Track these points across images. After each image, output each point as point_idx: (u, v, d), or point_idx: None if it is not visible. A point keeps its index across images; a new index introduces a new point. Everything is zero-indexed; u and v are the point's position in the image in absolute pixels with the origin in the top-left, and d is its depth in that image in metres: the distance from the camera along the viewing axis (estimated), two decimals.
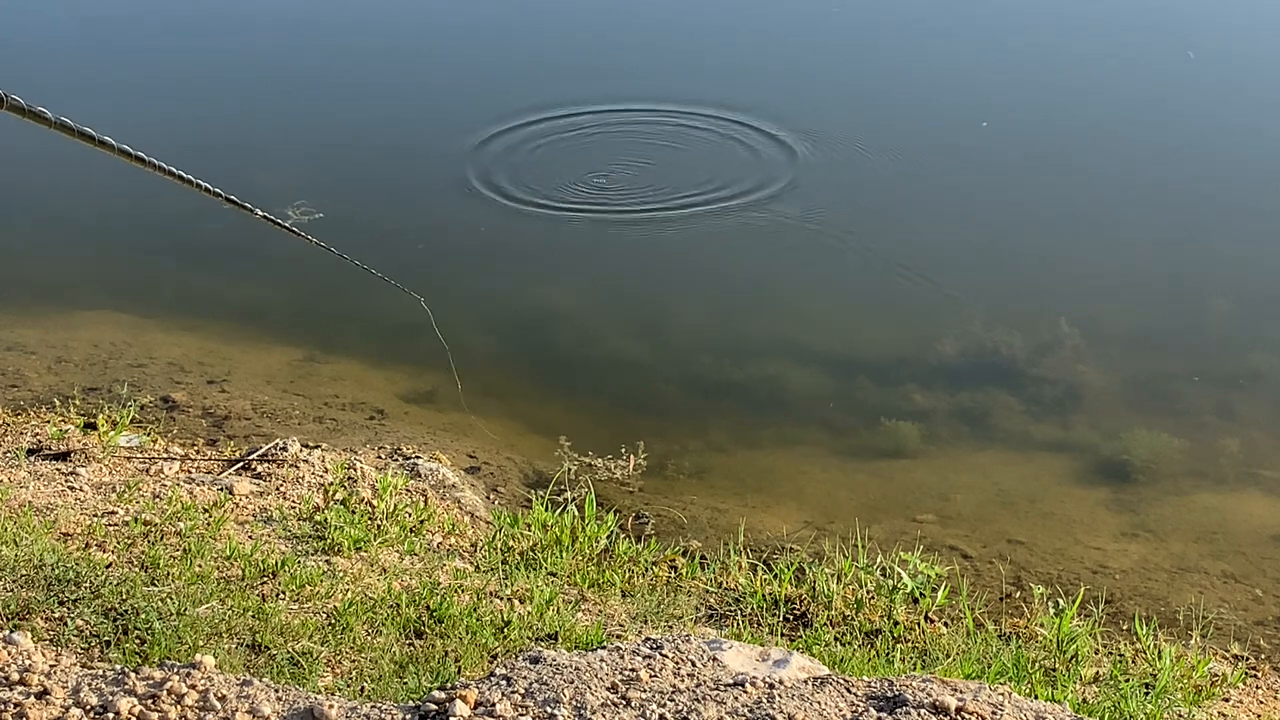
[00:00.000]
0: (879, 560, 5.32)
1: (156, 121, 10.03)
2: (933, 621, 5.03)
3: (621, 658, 3.21)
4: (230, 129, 10.28)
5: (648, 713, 2.97)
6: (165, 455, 5.94)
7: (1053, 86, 10.63)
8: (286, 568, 4.64)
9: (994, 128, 9.95)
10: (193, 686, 3.04)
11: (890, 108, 10.40)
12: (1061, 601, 5.09)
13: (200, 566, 4.57)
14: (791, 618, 4.99)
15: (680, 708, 2.99)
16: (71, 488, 5.31)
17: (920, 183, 9.29)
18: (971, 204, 9.06)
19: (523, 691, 3.03)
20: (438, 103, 10.81)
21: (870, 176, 9.40)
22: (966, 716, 3.00)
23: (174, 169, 3.18)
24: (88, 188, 9.36)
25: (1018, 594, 5.47)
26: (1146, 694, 4.41)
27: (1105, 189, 9.18)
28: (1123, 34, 11.49)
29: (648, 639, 3.36)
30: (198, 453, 6.14)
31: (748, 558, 5.48)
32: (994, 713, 3.03)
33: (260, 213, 4.07)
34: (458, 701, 2.98)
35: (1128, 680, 4.53)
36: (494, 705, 2.97)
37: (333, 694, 3.52)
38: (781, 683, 3.12)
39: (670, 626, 4.74)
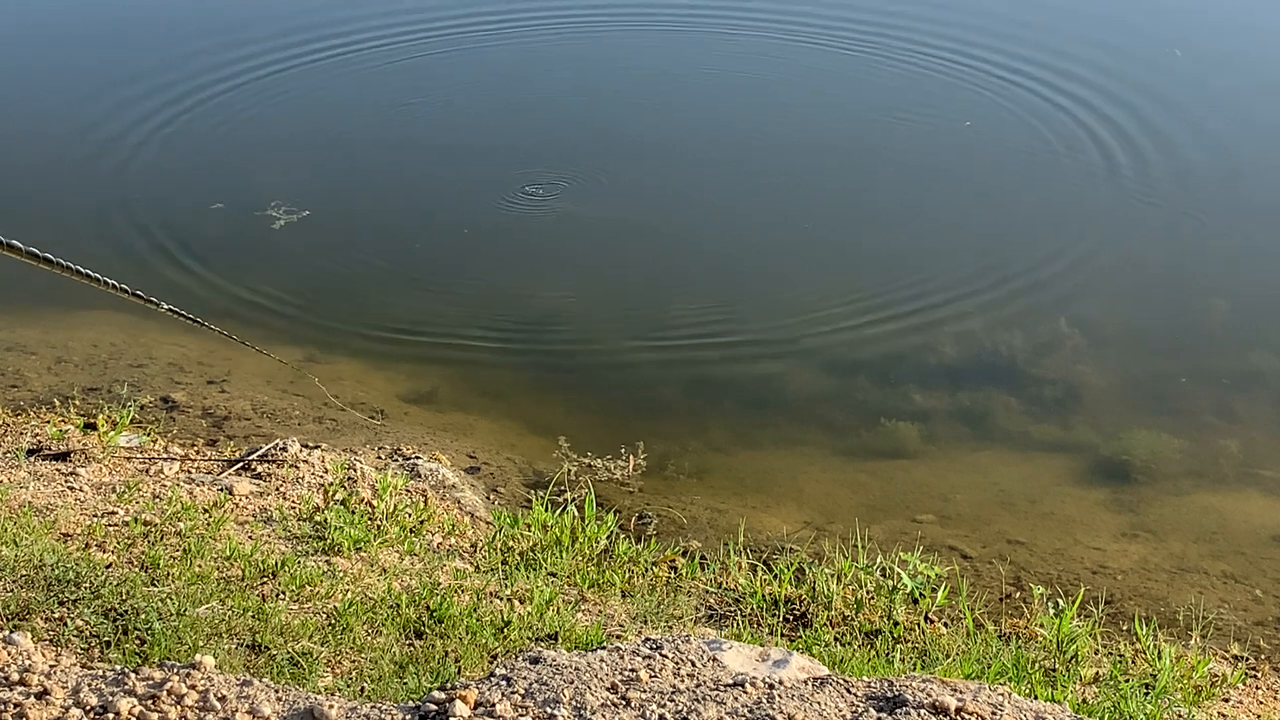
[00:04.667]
0: (879, 560, 5.32)
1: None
2: (933, 622, 5.03)
3: (621, 658, 3.21)
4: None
5: (647, 713, 2.97)
6: (165, 455, 5.94)
7: (1052, 88, 10.61)
8: (286, 568, 4.64)
9: (979, 126, 9.97)
10: (193, 687, 3.04)
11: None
12: (1061, 602, 5.09)
13: (200, 567, 4.57)
14: (791, 618, 4.99)
15: (680, 708, 2.99)
16: (71, 488, 5.31)
17: (911, 180, 9.30)
18: (969, 203, 9.06)
19: (523, 692, 3.03)
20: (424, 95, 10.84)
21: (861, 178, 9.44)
22: (966, 717, 3.00)
23: (83, 269, 3.28)
24: (87, 186, 9.37)
25: (1018, 594, 5.47)
26: (1146, 694, 4.41)
27: (1105, 188, 9.17)
28: (1110, 33, 11.45)
29: (648, 639, 3.36)
30: (198, 453, 6.14)
31: (748, 558, 5.48)
32: (994, 713, 3.03)
33: (165, 306, 4.26)
34: (458, 702, 2.98)
35: (1128, 680, 4.53)
36: (494, 705, 2.97)
37: (333, 694, 3.52)
38: (781, 683, 3.12)
39: (670, 627, 4.74)
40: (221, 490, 5.42)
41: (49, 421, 6.26)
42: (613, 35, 12.08)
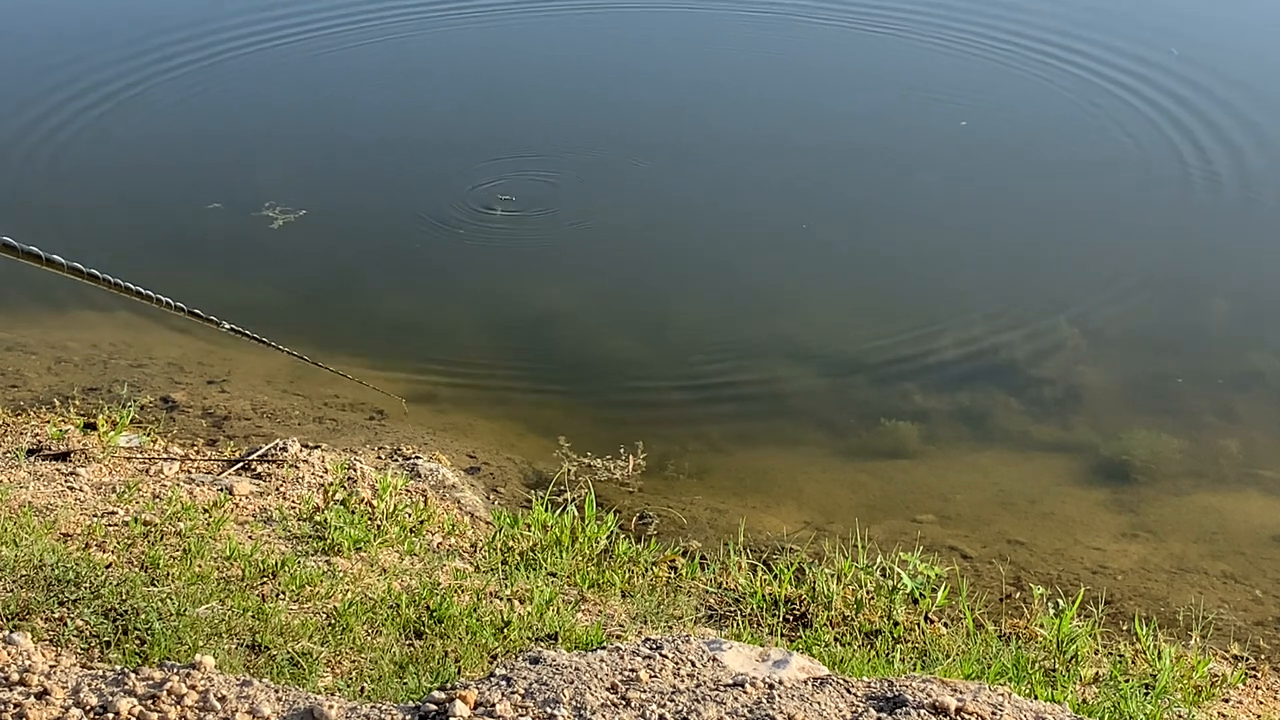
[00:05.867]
0: (879, 560, 5.32)
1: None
2: (933, 622, 5.03)
3: (621, 658, 3.21)
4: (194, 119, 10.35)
5: (647, 713, 2.97)
6: (165, 455, 5.94)
7: (1038, 91, 10.60)
8: (286, 568, 4.64)
9: (973, 126, 9.96)
10: (193, 687, 3.04)
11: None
12: (1061, 602, 5.09)
13: (200, 566, 4.57)
14: (791, 618, 4.99)
15: (680, 708, 2.99)
16: (71, 488, 5.31)
17: (911, 179, 9.30)
18: (969, 203, 9.06)
19: (523, 692, 3.03)
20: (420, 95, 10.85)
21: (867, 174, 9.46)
22: (966, 717, 3.00)
23: (131, 285, 3.23)
24: (87, 187, 9.37)
25: (1018, 594, 5.47)
26: (1146, 694, 4.41)
27: (1105, 187, 9.18)
28: (1104, 32, 11.44)
29: (648, 639, 3.36)
30: (198, 453, 6.14)
31: (748, 558, 5.48)
32: (994, 713, 3.03)
33: (227, 326, 4.22)
34: (458, 702, 2.97)
35: (1128, 680, 4.53)
36: (494, 705, 2.97)
37: (333, 694, 3.52)
38: (781, 683, 3.12)
39: (670, 627, 4.74)
40: (221, 490, 5.42)
41: (49, 421, 6.26)
42: (615, 18, 12.10)
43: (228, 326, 4.24)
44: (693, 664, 3.21)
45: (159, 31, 11.62)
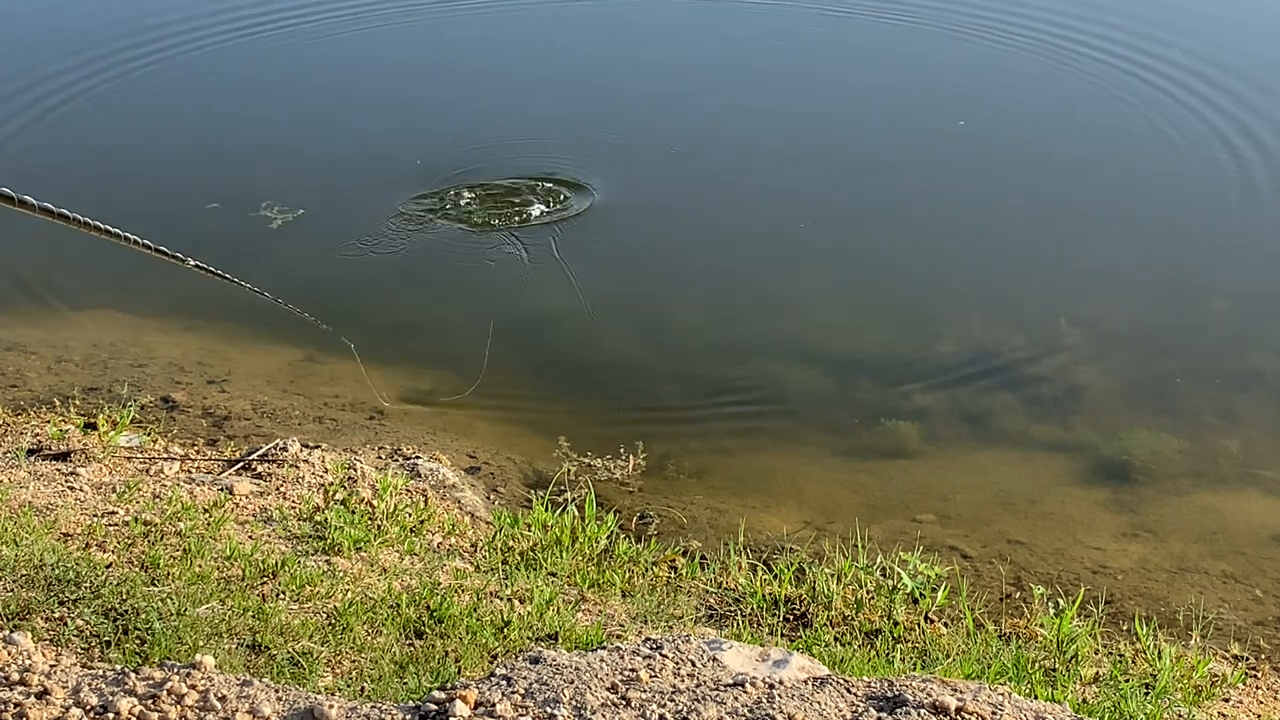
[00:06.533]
0: (879, 560, 5.32)
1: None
2: (933, 622, 5.03)
3: (621, 658, 3.21)
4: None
5: (648, 713, 2.97)
6: (165, 455, 5.94)
7: (1045, 86, 10.60)
8: (286, 568, 4.64)
9: (974, 126, 9.96)
10: (193, 686, 3.05)
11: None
12: (1061, 601, 5.09)
13: (200, 566, 4.57)
14: (791, 618, 4.99)
15: (680, 708, 2.99)
16: (71, 488, 5.31)
17: (911, 178, 9.30)
18: (969, 203, 9.05)
19: (523, 691, 3.03)
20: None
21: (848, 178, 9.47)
22: (966, 717, 3.00)
23: (103, 225, 3.22)
24: (86, 186, 9.36)
25: (1018, 594, 5.47)
26: (1146, 694, 4.41)
27: (1106, 187, 9.17)
28: (1104, 33, 11.44)
29: (648, 639, 3.36)
30: (198, 453, 6.14)
31: (748, 558, 5.48)
32: (994, 713, 3.03)
33: (192, 263, 4.18)
34: (458, 701, 2.98)
35: (1128, 680, 4.54)
36: (494, 705, 2.97)
37: (333, 694, 3.53)
38: (781, 683, 3.12)
39: (670, 626, 4.74)
40: (221, 490, 5.42)
41: (49, 421, 6.26)
42: (616, 15, 12.10)
43: (192, 263, 4.21)
44: (693, 664, 3.22)
45: (153, 25, 11.59)
